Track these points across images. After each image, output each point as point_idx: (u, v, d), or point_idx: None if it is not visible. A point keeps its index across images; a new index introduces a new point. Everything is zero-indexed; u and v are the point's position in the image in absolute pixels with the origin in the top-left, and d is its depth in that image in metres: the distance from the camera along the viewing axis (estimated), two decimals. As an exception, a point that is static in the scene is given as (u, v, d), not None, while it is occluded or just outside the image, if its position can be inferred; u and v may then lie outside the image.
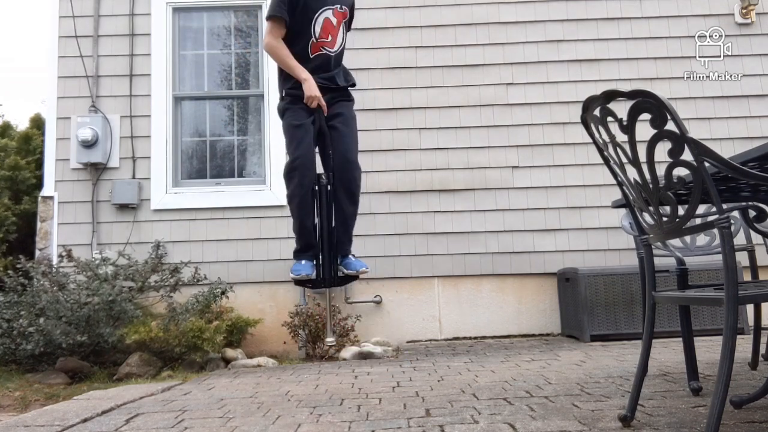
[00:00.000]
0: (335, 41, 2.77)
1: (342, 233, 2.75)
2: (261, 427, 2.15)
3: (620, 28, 5.33)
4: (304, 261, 2.71)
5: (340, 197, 2.72)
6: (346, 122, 2.77)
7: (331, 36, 2.75)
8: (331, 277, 2.76)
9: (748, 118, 5.16)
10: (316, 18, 2.70)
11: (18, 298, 4.26)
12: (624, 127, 1.60)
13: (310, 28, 2.69)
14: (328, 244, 2.73)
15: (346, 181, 2.72)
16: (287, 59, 2.70)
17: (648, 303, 1.89)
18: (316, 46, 2.71)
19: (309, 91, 2.65)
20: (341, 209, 2.73)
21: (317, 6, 2.70)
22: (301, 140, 2.66)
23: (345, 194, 2.72)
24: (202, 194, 5.17)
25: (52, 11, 5.36)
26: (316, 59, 2.71)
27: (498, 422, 2.00)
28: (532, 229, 5.07)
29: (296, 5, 2.68)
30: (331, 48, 2.75)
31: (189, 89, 5.46)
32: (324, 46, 2.73)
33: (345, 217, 2.74)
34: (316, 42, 2.71)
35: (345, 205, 2.73)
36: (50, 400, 3.42)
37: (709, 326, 4.22)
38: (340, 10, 2.77)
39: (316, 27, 2.70)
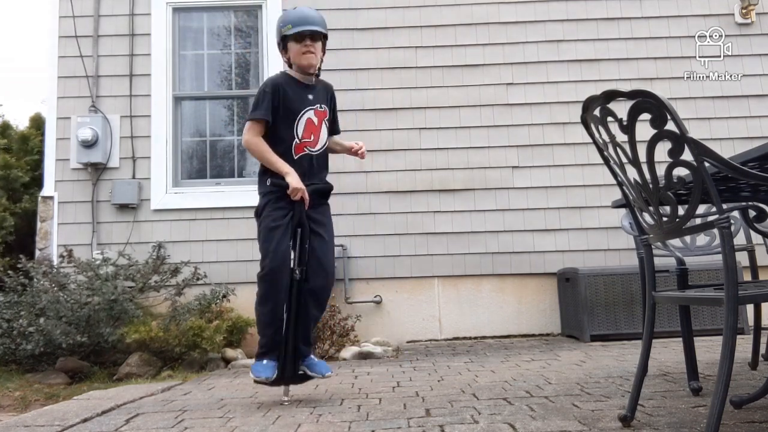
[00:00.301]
0: (317, 140, 2.74)
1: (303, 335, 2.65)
2: (261, 427, 2.15)
3: (620, 28, 5.33)
4: (266, 361, 2.59)
5: (309, 302, 2.65)
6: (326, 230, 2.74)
7: (313, 135, 2.70)
8: (292, 375, 2.64)
9: (748, 118, 5.16)
10: (299, 119, 2.69)
11: (18, 298, 4.26)
12: (624, 127, 1.60)
13: (293, 129, 2.68)
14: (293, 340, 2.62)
15: (318, 289, 2.65)
16: (267, 154, 2.66)
17: (648, 303, 1.89)
18: (300, 147, 2.69)
19: (294, 184, 2.59)
20: (307, 313, 2.65)
21: (300, 107, 2.70)
22: (278, 243, 2.58)
23: (314, 301, 2.66)
24: (202, 194, 5.17)
25: (52, 11, 5.36)
26: (300, 160, 2.68)
27: (498, 422, 2.00)
28: (532, 229, 5.07)
29: (278, 107, 2.67)
30: (314, 147, 2.72)
31: (189, 89, 5.46)
32: (307, 146, 2.70)
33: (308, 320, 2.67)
34: (299, 143, 2.69)
35: (311, 310, 2.66)
36: (50, 400, 3.43)
37: (709, 326, 4.22)
38: (320, 110, 2.76)
39: (299, 128, 2.69)
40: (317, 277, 2.64)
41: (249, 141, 2.70)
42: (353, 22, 5.33)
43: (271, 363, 2.58)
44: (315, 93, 2.78)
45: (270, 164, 2.67)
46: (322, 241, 2.69)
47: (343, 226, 5.02)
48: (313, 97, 2.76)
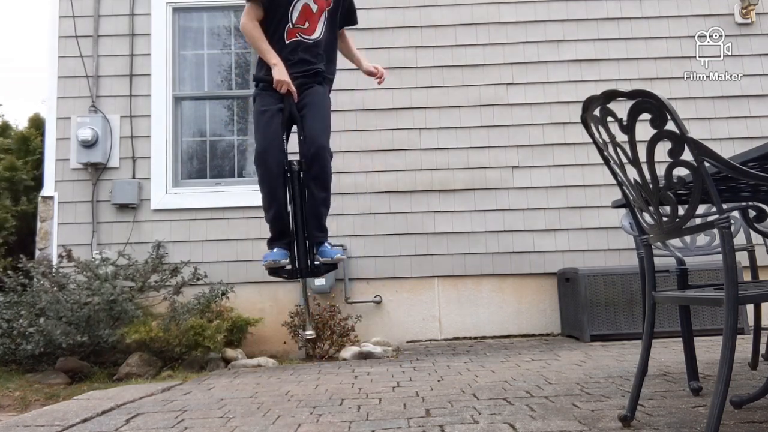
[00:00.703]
0: (313, 28, 2.68)
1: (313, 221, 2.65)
2: (261, 427, 2.15)
3: (620, 28, 5.33)
4: (276, 249, 2.62)
5: (310, 184, 2.65)
6: (316, 106, 2.70)
7: (308, 23, 2.67)
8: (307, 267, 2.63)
9: (748, 118, 5.16)
10: (295, 3, 2.65)
11: (18, 298, 4.26)
12: (624, 127, 1.60)
13: (287, 13, 2.64)
14: (302, 232, 2.62)
15: (316, 168, 2.63)
16: (259, 42, 2.66)
17: (648, 303, 1.89)
18: (292, 32, 2.66)
19: (278, 76, 2.59)
20: (312, 196, 2.65)
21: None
22: (266, 126, 2.62)
23: (314, 180, 2.64)
24: (202, 194, 5.17)
25: (52, 11, 5.36)
26: (291, 45, 2.65)
27: (498, 422, 2.00)
28: (532, 229, 5.07)
29: None
30: (308, 35, 2.67)
31: (189, 89, 5.46)
32: (300, 33, 2.66)
33: (315, 203, 2.65)
34: (292, 27, 2.65)
35: (315, 192, 2.65)
36: (50, 400, 3.43)
37: (709, 326, 4.22)
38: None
39: (294, 12, 2.65)
40: (312, 157, 2.61)
41: (244, 25, 2.70)
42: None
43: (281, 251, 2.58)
44: None
45: (261, 52, 2.67)
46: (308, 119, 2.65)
47: (343, 226, 5.03)
48: None
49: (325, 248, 2.64)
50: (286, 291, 4.98)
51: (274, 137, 2.61)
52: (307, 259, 2.61)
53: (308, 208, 2.64)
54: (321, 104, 2.73)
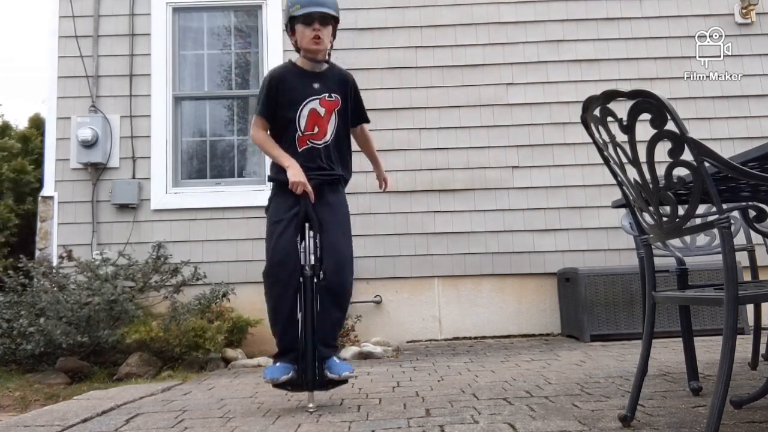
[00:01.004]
0: (323, 133, 2.59)
1: (322, 337, 2.47)
2: (261, 427, 2.15)
3: (620, 28, 5.33)
4: (279, 363, 2.46)
5: (325, 297, 2.48)
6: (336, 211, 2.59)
7: (317, 128, 2.58)
8: (314, 380, 2.44)
9: (748, 118, 5.16)
10: (301, 110, 2.56)
11: (18, 298, 4.25)
12: (624, 127, 1.60)
13: (295, 121, 2.56)
14: (312, 342, 2.44)
15: (335, 285, 2.47)
16: (271, 150, 2.59)
17: (648, 303, 1.89)
18: (302, 140, 2.57)
19: (293, 177, 2.47)
20: (325, 311, 2.48)
21: (301, 98, 2.56)
22: (279, 238, 2.46)
23: (331, 296, 2.48)
24: (202, 194, 5.17)
25: (52, 11, 5.36)
26: (304, 153, 2.57)
27: (498, 422, 2.00)
28: (532, 229, 5.07)
29: (277, 100, 2.58)
30: (318, 140, 2.59)
31: (189, 89, 5.46)
32: (311, 140, 2.58)
33: (327, 320, 2.48)
34: (302, 135, 2.57)
35: (330, 308, 2.48)
36: (50, 400, 3.42)
37: (709, 326, 4.22)
38: (329, 99, 2.60)
39: (301, 120, 2.57)
40: (332, 274, 2.47)
41: (254, 136, 2.67)
42: (353, 22, 5.33)
43: (284, 366, 2.44)
44: (323, 81, 2.62)
45: (273, 158, 2.60)
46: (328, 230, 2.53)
47: (343, 226, 5.02)
48: (320, 85, 2.61)
49: (333, 363, 2.45)
50: (286, 291, 4.97)
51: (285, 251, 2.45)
52: (315, 371, 2.44)
53: (319, 321, 2.47)
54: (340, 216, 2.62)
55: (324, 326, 2.49)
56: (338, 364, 2.45)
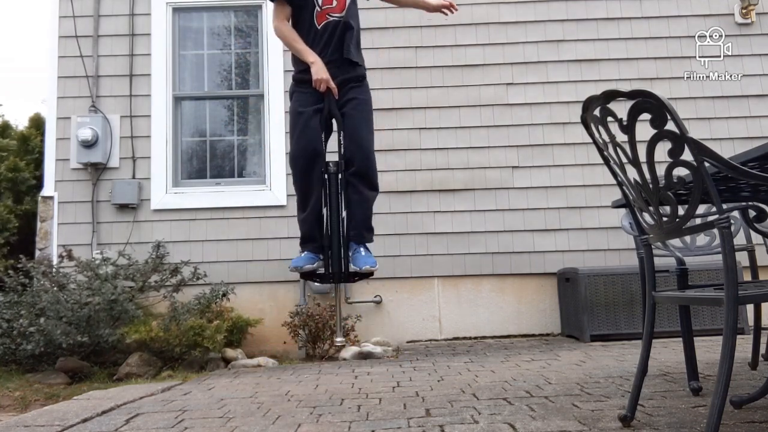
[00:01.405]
0: (342, 3, 2.60)
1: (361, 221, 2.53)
2: (261, 427, 2.15)
3: (620, 28, 5.33)
4: (305, 253, 2.55)
5: (356, 183, 2.54)
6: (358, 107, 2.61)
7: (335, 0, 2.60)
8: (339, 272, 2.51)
9: (748, 118, 5.16)
10: None
11: (18, 298, 4.25)
12: (624, 127, 1.60)
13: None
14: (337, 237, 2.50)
15: (363, 168, 2.55)
16: (295, 43, 2.61)
17: (648, 303, 1.89)
18: (322, 15, 2.58)
19: (317, 74, 2.52)
20: (359, 193, 2.53)
21: None
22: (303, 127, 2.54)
23: (361, 180, 2.54)
24: (202, 194, 5.17)
25: (52, 11, 5.36)
26: (324, 29, 2.58)
27: (498, 422, 2.00)
28: (532, 229, 5.07)
29: None
30: (338, 12, 2.60)
31: (189, 89, 5.46)
32: (330, 13, 2.58)
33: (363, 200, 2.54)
34: (320, 11, 2.57)
35: (362, 190, 2.54)
36: (50, 400, 3.43)
37: (709, 326, 4.22)
38: None
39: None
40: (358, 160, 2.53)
41: (276, 27, 2.67)
42: None
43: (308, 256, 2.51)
44: None
45: (297, 52, 2.62)
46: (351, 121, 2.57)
47: (343, 226, 5.03)
48: None
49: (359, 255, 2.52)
50: (286, 291, 4.98)
51: (312, 139, 2.53)
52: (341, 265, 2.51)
53: (356, 207, 2.54)
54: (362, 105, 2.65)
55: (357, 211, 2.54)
56: (363, 256, 2.51)
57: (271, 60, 5.28)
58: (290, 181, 5.06)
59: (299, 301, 4.87)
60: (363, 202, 2.56)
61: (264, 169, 5.23)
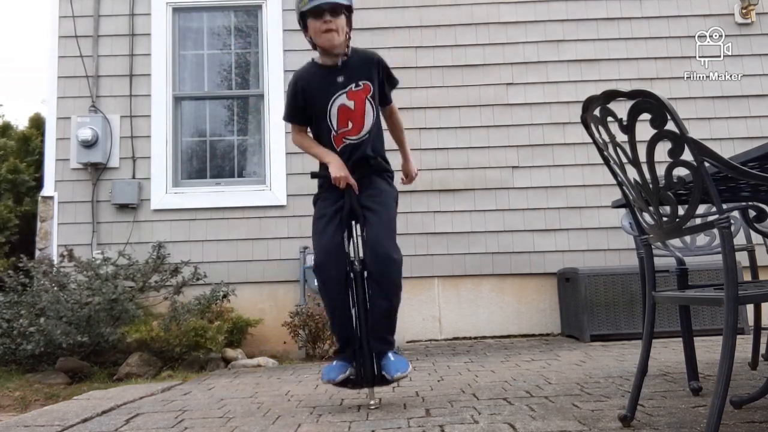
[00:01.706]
0: (359, 126, 2.49)
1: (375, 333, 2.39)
2: (261, 427, 2.15)
3: (620, 28, 5.33)
4: (336, 362, 2.41)
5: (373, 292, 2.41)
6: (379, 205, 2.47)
7: (351, 123, 2.48)
8: (373, 376, 2.37)
9: (748, 118, 5.16)
10: (330, 109, 2.46)
11: (18, 298, 4.26)
12: (624, 127, 1.60)
13: (326, 122, 2.47)
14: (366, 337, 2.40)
15: (379, 276, 2.39)
16: (311, 149, 2.56)
17: (648, 303, 1.89)
18: (339, 138, 2.49)
19: (335, 172, 2.42)
20: (374, 305, 2.40)
21: (326, 98, 2.45)
22: (323, 234, 2.42)
23: (377, 289, 2.40)
24: (202, 194, 5.17)
25: (52, 11, 5.36)
26: (341, 151, 2.49)
27: (498, 422, 2.00)
28: (532, 229, 5.07)
29: (304, 105, 2.51)
30: (354, 135, 2.49)
31: (189, 89, 5.46)
32: (346, 136, 2.48)
33: (378, 314, 2.40)
34: (337, 134, 2.48)
35: (378, 301, 2.40)
36: (50, 400, 3.43)
37: (709, 326, 4.22)
38: (356, 89, 2.48)
39: (332, 119, 2.46)
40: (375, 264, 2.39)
41: (294, 139, 2.65)
42: (353, 22, 5.32)
43: (340, 365, 2.39)
44: (347, 72, 2.49)
45: (314, 156, 2.56)
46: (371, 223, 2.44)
47: (343, 226, 5.03)
48: (345, 78, 2.48)
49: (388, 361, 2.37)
50: (286, 291, 4.98)
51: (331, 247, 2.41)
52: (373, 367, 2.37)
53: (371, 317, 2.41)
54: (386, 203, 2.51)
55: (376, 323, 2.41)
56: (393, 361, 2.36)
57: (271, 60, 5.27)
58: (290, 181, 5.09)
59: (299, 301, 4.87)
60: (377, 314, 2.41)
61: (264, 169, 5.22)
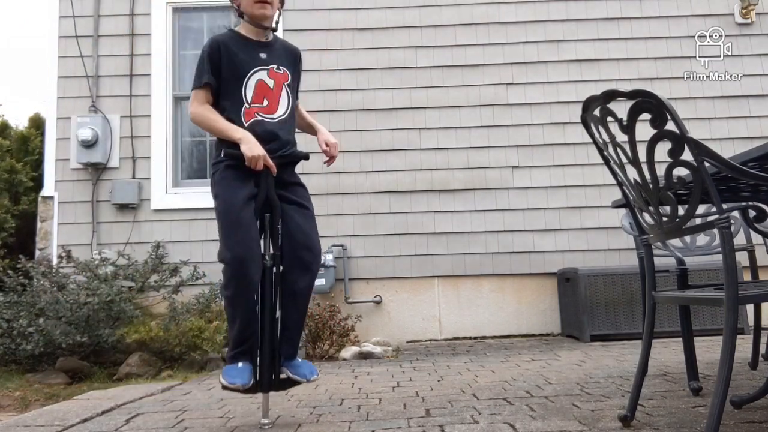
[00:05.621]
0: (274, 106, 2.28)
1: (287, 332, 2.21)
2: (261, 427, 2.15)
3: (620, 28, 5.33)
4: (241, 364, 2.12)
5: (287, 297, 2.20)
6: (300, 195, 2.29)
7: (267, 100, 2.28)
8: (270, 381, 2.15)
9: (748, 118, 5.16)
10: (247, 80, 2.27)
11: (18, 298, 4.25)
12: (624, 127, 1.60)
13: (240, 93, 2.26)
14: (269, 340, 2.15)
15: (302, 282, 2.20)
16: (215, 123, 2.23)
17: (648, 303, 1.89)
18: (250, 112, 2.25)
19: (250, 151, 2.13)
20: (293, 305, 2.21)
21: (247, 67, 2.27)
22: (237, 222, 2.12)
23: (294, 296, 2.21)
24: (202, 194, 5.15)
25: (52, 11, 5.36)
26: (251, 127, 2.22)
27: (498, 422, 2.00)
28: (532, 229, 5.07)
29: (220, 67, 2.27)
30: (269, 114, 2.27)
31: (189, 89, 5.42)
32: (260, 113, 2.26)
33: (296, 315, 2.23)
34: (249, 108, 2.25)
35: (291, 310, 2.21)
36: (50, 400, 3.42)
37: (709, 326, 4.23)
38: (277, 71, 2.31)
39: (248, 91, 2.26)
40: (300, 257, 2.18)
41: (193, 112, 2.30)
42: (353, 22, 5.33)
43: (247, 366, 2.12)
44: (270, 52, 2.35)
45: (219, 132, 2.24)
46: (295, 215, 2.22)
47: (343, 226, 5.03)
48: (267, 56, 2.33)
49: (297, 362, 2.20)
50: (286, 291, 4.98)
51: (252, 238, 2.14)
52: (272, 372, 2.16)
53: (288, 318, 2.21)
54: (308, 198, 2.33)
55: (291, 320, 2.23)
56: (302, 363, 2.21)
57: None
58: (290, 181, 5.08)
59: (299, 301, 4.86)
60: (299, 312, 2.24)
61: (264, 169, 5.22)
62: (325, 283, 4.80)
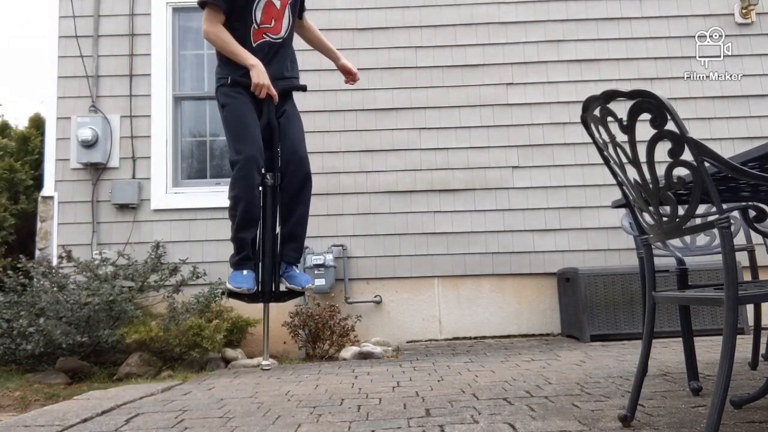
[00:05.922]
0: (279, 26, 2.48)
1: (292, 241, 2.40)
2: (261, 427, 2.15)
3: (620, 28, 5.33)
4: (246, 272, 2.34)
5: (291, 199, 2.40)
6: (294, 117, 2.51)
7: (274, 21, 2.46)
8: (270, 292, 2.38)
9: (748, 118, 5.16)
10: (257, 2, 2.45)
11: (18, 298, 4.26)
12: (624, 127, 1.60)
13: (250, 14, 2.44)
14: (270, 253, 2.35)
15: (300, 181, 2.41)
16: (230, 45, 2.44)
17: (648, 303, 1.89)
18: (259, 33, 2.45)
19: (257, 78, 2.36)
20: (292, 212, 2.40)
21: None
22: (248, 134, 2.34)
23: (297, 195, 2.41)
24: (202, 194, 5.16)
25: (52, 11, 5.36)
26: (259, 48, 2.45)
27: (498, 422, 2.00)
28: (532, 229, 5.07)
29: None
30: (275, 34, 2.48)
31: (189, 89, 5.46)
32: (267, 33, 2.46)
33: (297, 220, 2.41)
34: (258, 28, 2.45)
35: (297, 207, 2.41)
36: (50, 400, 3.43)
37: (709, 326, 4.22)
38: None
39: (257, 12, 2.44)
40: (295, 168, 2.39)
41: (208, 31, 2.52)
42: (353, 22, 5.33)
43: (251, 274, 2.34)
44: None
45: (233, 55, 2.46)
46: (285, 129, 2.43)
47: (343, 226, 5.03)
48: None
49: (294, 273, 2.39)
50: (286, 291, 4.98)
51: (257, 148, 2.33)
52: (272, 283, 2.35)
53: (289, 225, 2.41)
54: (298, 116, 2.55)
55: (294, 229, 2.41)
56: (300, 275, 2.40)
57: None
58: (290, 181, 5.08)
59: (299, 301, 4.87)
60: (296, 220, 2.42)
61: (264, 169, 5.22)
62: (325, 283, 4.80)
